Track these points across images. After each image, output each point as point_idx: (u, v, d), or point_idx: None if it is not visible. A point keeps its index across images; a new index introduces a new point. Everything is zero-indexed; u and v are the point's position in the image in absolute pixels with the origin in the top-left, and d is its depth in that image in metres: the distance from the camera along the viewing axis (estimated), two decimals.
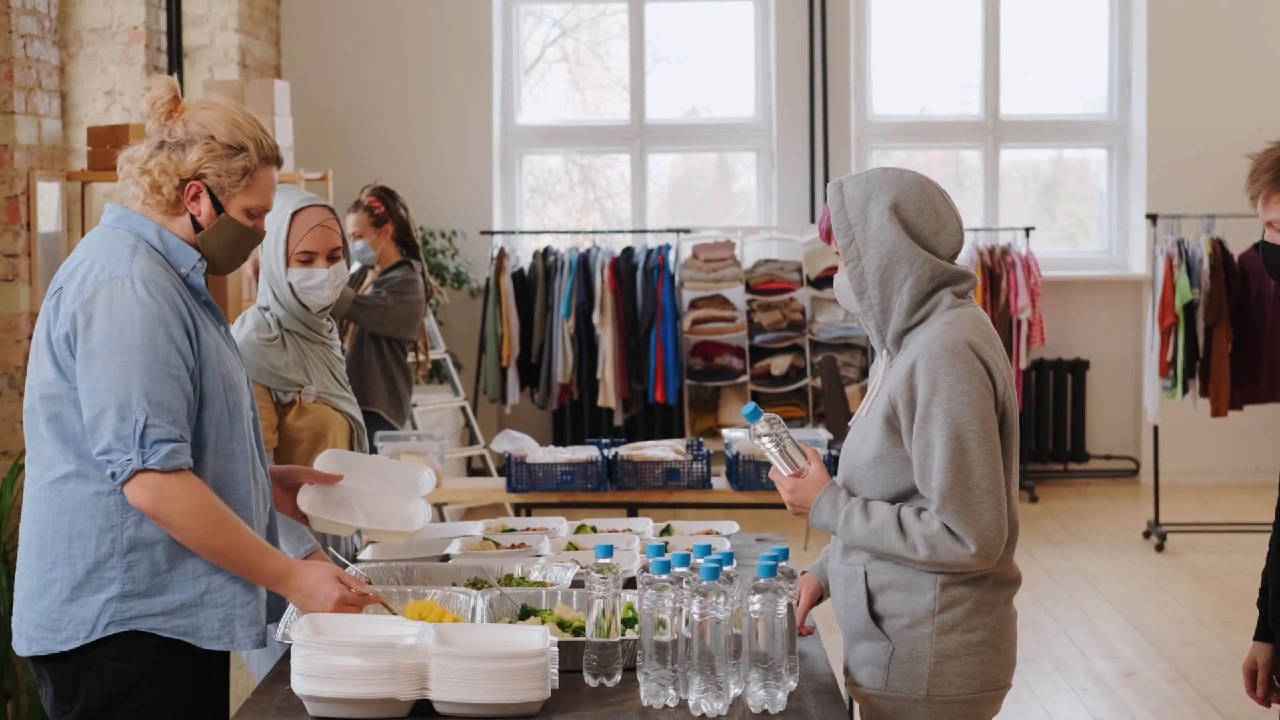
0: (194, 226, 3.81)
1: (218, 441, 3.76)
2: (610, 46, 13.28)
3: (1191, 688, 7.57)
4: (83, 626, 3.69)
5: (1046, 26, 13.18)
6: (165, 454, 3.58)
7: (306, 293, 4.72)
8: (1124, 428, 12.83)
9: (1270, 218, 3.95)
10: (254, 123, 3.86)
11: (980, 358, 3.63)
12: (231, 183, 3.80)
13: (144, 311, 3.62)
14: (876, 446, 3.72)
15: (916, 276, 3.69)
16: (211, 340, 3.78)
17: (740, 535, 5.13)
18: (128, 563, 3.68)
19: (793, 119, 12.70)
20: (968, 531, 3.58)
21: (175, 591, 3.72)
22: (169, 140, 3.78)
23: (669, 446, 7.05)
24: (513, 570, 4.42)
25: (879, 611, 3.72)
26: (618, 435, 12.14)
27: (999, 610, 3.74)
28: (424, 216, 12.32)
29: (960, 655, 3.68)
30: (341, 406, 4.80)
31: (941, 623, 3.67)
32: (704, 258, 12.10)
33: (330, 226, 4.74)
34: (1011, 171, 13.48)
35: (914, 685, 3.69)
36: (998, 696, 3.78)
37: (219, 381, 3.76)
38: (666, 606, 3.43)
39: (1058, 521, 11.42)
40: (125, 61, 9.67)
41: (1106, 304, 12.81)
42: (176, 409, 3.62)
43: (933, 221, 3.73)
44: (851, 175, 3.80)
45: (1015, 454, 3.74)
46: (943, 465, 3.58)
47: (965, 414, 3.58)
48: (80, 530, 3.69)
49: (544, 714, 3.43)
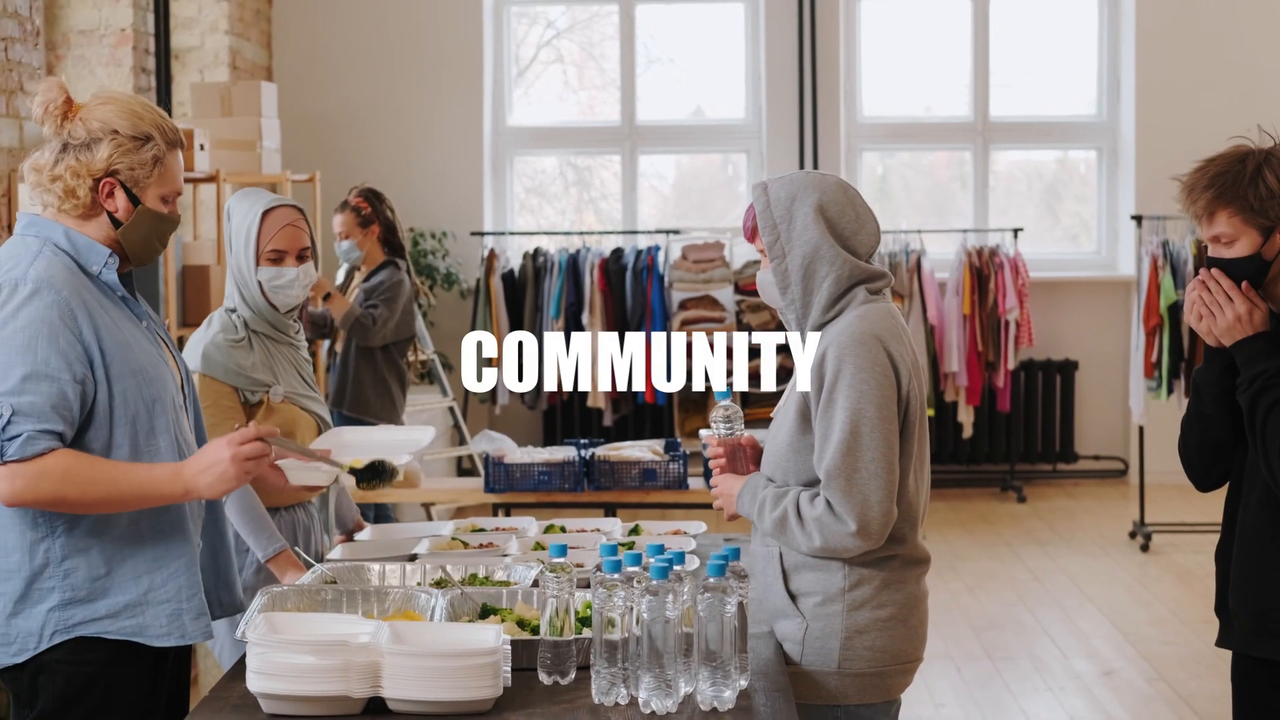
0: (113, 224, 3.81)
1: (136, 438, 3.76)
2: (604, 48, 13.32)
3: (1169, 687, 7.61)
4: (30, 639, 3.72)
5: (1036, 28, 13.21)
6: (21, 443, 3.59)
7: (276, 291, 4.76)
8: (1113, 428, 12.86)
9: (1216, 232, 4.05)
10: (152, 109, 3.86)
11: (886, 349, 3.87)
12: (145, 174, 3.81)
13: (29, 314, 3.63)
14: (789, 434, 3.96)
15: (836, 274, 3.93)
16: (122, 337, 3.76)
17: (707, 535, 5.17)
18: (64, 570, 3.71)
19: (783, 120, 12.73)
20: (848, 510, 3.81)
21: (117, 593, 3.74)
22: (72, 142, 3.77)
23: (647, 447, 7.09)
24: (477, 570, 4.46)
25: (794, 590, 3.98)
26: (608, 435, 12.18)
27: (909, 588, 3.99)
28: (414, 217, 12.36)
29: (869, 630, 3.94)
30: (309, 406, 4.85)
31: (852, 600, 3.93)
32: (693, 259, 12.13)
33: (299, 226, 4.80)
34: (1016, 172, 13.52)
35: (826, 659, 3.94)
36: (908, 669, 4.03)
37: (130, 379, 3.74)
38: (617, 605, 3.47)
39: (1045, 522, 11.45)
40: (113, 64, 9.71)
41: (1096, 305, 12.84)
42: (45, 409, 3.61)
43: (853, 223, 3.97)
44: (776, 177, 4.03)
45: (920, 443, 3.97)
46: (835, 447, 3.82)
47: (863, 401, 3.82)
48: (11, 546, 3.72)
49: (496, 711, 3.46)
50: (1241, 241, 4.06)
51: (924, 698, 7.46)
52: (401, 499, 7.67)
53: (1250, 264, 4.05)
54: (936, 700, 7.47)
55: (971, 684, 7.72)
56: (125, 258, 3.87)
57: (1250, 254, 4.04)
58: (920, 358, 11.89)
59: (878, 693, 3.97)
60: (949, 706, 7.40)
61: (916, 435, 3.94)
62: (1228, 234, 4.06)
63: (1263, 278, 4.05)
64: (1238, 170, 4.02)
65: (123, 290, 3.85)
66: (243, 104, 9.43)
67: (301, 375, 4.89)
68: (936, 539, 10.84)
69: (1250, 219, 4.02)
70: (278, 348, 4.84)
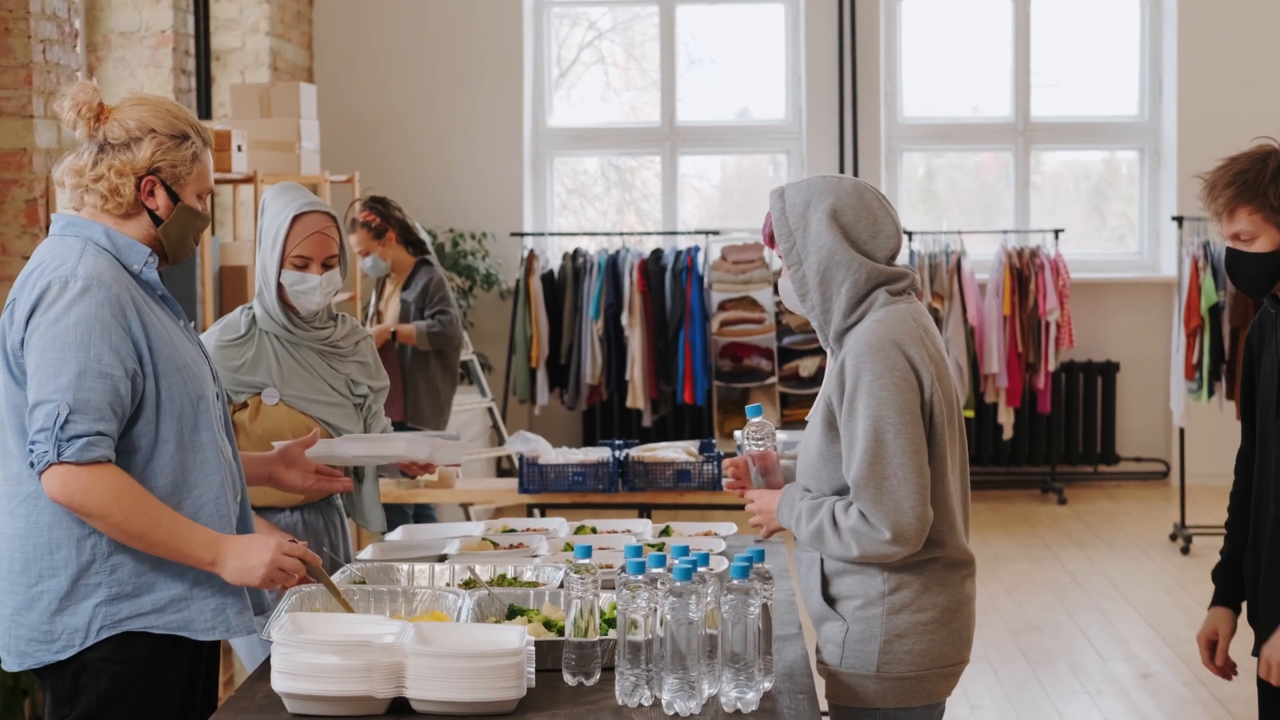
0: (153, 222, 3.84)
1: (182, 433, 3.79)
2: (646, 49, 13.31)
3: (1207, 690, 7.57)
4: (76, 635, 3.74)
5: (1077, 28, 13.16)
6: (79, 447, 3.61)
7: (297, 296, 4.76)
8: (1155, 430, 12.80)
9: (1236, 230, 4.06)
10: (183, 109, 3.90)
11: (904, 353, 3.84)
12: (185, 171, 3.84)
13: (82, 311, 3.66)
14: (818, 442, 3.95)
15: (854, 279, 3.90)
16: (166, 334, 3.80)
17: (737, 537, 5.17)
18: (110, 566, 3.73)
19: (823, 121, 12.71)
20: (881, 518, 3.78)
21: (163, 588, 3.77)
22: (111, 142, 3.79)
23: (681, 448, 7.08)
24: (506, 570, 4.46)
25: (834, 594, 3.95)
26: (646, 436, 12.18)
27: (951, 591, 3.95)
28: (454, 218, 12.40)
29: (910, 634, 3.90)
30: (313, 412, 4.80)
31: (891, 604, 3.89)
32: (732, 259, 12.12)
33: (329, 234, 4.79)
34: (1064, 172, 13.47)
35: (866, 662, 3.90)
36: (951, 673, 3.99)
37: (177, 374, 3.78)
38: (640, 607, 3.47)
39: (1085, 524, 11.40)
40: (153, 65, 9.76)
41: (1138, 306, 12.77)
42: (102, 406, 3.64)
43: (869, 226, 3.94)
44: (794, 182, 4.01)
45: (952, 444, 3.93)
46: (860, 456, 3.79)
47: (884, 408, 3.79)
48: (59, 541, 3.74)
49: (520, 712, 3.47)
50: (1261, 239, 4.07)
51: (960, 700, 7.44)
52: (435, 499, 7.68)
53: (1270, 261, 4.06)
54: (973, 703, 7.45)
55: (1008, 687, 7.70)
56: (163, 256, 3.89)
57: (1270, 251, 4.06)
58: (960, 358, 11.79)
59: (918, 696, 3.93)
60: (985, 709, 7.38)
61: (949, 436, 3.91)
62: (1248, 231, 4.08)
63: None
64: (1259, 168, 4.05)
65: (162, 289, 3.89)
66: (282, 105, 9.47)
67: (326, 381, 4.87)
68: (976, 541, 10.73)
69: (1270, 217, 4.03)
70: (295, 350, 4.82)
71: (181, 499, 3.79)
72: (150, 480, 3.75)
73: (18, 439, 3.74)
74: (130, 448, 3.74)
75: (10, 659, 3.82)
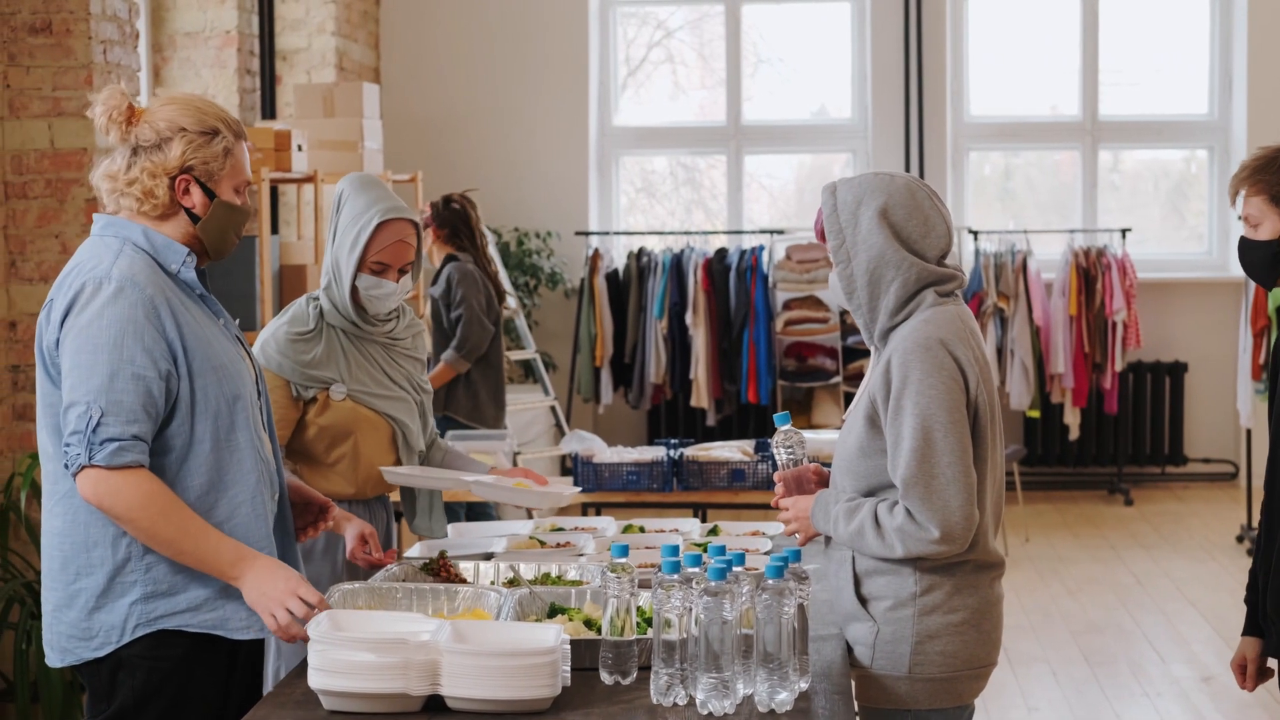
0: (191, 220, 3.85)
1: (218, 433, 3.81)
2: (715, 48, 13.30)
3: (1268, 693, 7.49)
4: (113, 632, 3.77)
5: (1146, 26, 13.06)
6: (111, 451, 3.63)
7: (371, 300, 4.78)
8: (1223, 431, 12.69)
9: (1244, 214, 4.10)
10: (213, 104, 3.90)
11: (951, 353, 3.83)
12: (218, 166, 3.84)
13: (115, 312, 3.68)
14: (858, 439, 3.94)
15: (903, 279, 3.89)
16: (203, 334, 3.81)
17: (784, 537, 5.14)
18: (146, 564, 3.76)
19: (889, 120, 12.67)
20: (929, 517, 3.77)
21: (198, 587, 3.79)
22: (142, 145, 3.80)
23: (737, 447, 7.07)
24: (550, 569, 4.47)
25: (865, 594, 3.95)
26: (710, 435, 12.18)
27: (981, 593, 3.95)
28: (518, 217, 12.44)
29: (941, 635, 3.90)
30: (379, 407, 4.83)
31: (923, 605, 3.89)
32: (797, 259, 12.11)
33: (410, 241, 4.80)
34: (1142, 171, 13.38)
35: (896, 663, 3.91)
36: (980, 674, 3.99)
37: (212, 375, 3.79)
38: (675, 606, 3.47)
39: (1151, 525, 11.32)
40: (218, 65, 9.84)
41: (1206, 306, 12.67)
42: (135, 408, 3.66)
43: (920, 226, 3.91)
44: (846, 179, 3.99)
45: (993, 447, 3.92)
46: (909, 455, 3.79)
47: (933, 406, 3.78)
48: (95, 539, 3.76)
49: (555, 711, 3.47)
50: (1265, 225, 4.11)
51: (1017, 701, 7.41)
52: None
53: (1271, 248, 4.10)
54: (1030, 704, 7.41)
55: (1066, 688, 7.65)
56: (204, 253, 3.91)
57: (1273, 239, 4.10)
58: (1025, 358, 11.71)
59: (948, 698, 3.94)
60: (1042, 711, 7.34)
61: (988, 439, 3.90)
62: (1254, 216, 4.14)
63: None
64: (1273, 156, 4.08)
65: (201, 288, 3.90)
66: (345, 105, 9.52)
67: (388, 374, 4.89)
68: (1040, 542, 10.76)
69: (1274, 203, 4.07)
70: (361, 344, 4.85)
71: (217, 499, 3.81)
72: (185, 480, 3.77)
73: (54, 439, 3.76)
74: (165, 448, 3.76)
75: (53, 655, 3.86)
